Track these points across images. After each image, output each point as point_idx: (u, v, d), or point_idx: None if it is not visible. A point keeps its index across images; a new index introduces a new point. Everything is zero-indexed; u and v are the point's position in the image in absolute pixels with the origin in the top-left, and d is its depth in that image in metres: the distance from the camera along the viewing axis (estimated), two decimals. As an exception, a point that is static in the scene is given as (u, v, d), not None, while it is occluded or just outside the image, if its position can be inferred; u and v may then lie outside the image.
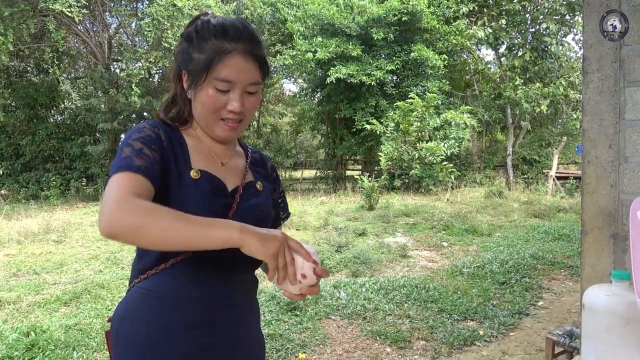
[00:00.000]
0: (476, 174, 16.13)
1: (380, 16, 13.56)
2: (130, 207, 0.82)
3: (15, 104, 15.41)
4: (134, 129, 0.98)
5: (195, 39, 0.98)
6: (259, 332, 1.12)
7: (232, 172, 1.07)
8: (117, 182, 0.87)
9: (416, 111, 10.89)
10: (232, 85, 0.97)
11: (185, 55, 1.01)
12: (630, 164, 1.80)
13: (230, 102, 0.98)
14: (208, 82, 0.97)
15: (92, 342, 3.30)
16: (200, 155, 1.03)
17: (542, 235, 7.16)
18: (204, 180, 0.99)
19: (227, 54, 0.96)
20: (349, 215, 9.37)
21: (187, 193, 0.96)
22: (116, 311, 1.03)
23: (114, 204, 0.83)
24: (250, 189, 1.08)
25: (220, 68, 0.95)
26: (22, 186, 14.51)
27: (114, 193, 0.85)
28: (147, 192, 0.89)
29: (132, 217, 0.81)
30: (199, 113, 1.01)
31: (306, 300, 4.10)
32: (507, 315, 3.86)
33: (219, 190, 1.01)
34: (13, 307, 4.12)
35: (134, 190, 0.86)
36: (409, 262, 5.78)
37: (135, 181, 0.88)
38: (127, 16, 14.58)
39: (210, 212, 0.95)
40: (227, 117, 1.00)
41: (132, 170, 0.89)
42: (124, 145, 0.94)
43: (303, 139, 23.79)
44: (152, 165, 0.92)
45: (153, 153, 0.94)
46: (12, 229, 7.68)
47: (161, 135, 0.99)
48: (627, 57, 1.80)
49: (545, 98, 14.62)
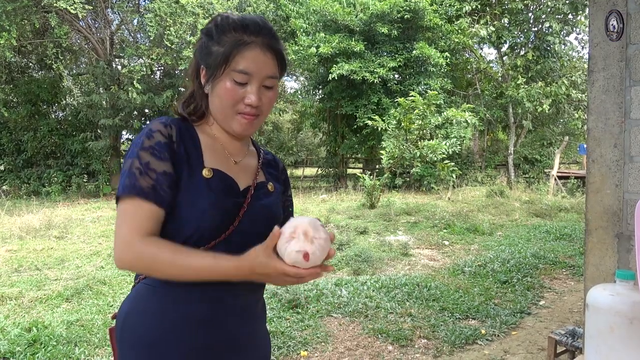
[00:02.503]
0: (477, 173, 16.11)
1: (384, 12, 13.54)
2: (137, 254, 0.90)
3: (17, 100, 15.42)
4: (144, 132, 0.97)
5: (215, 33, 0.99)
6: (264, 331, 1.11)
7: (245, 171, 1.07)
8: (126, 213, 0.92)
9: (417, 109, 10.88)
10: (250, 77, 0.97)
11: (204, 50, 1.01)
12: (635, 163, 1.79)
13: (248, 95, 0.98)
14: (226, 75, 0.97)
15: (93, 338, 3.30)
16: (213, 154, 1.03)
17: (543, 235, 7.15)
18: (215, 179, 0.99)
19: (246, 45, 0.96)
20: (350, 213, 9.37)
21: (199, 192, 0.96)
22: (122, 307, 1.03)
23: (124, 247, 0.91)
24: (261, 189, 1.08)
25: (239, 60, 0.96)
26: (24, 182, 14.53)
27: (123, 230, 0.91)
28: (156, 219, 0.93)
29: (140, 265, 0.92)
30: (216, 106, 1.01)
31: (308, 298, 4.10)
32: (509, 314, 3.86)
33: (230, 189, 1.01)
34: (15, 303, 4.12)
35: (142, 227, 0.91)
36: (411, 261, 5.78)
37: (142, 213, 0.91)
38: (129, 13, 14.56)
39: (221, 211, 0.96)
40: (245, 111, 0.99)
41: (139, 195, 0.91)
42: (133, 156, 0.94)
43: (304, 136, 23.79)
44: (159, 184, 0.93)
45: (162, 165, 0.94)
46: (14, 224, 7.69)
47: (173, 135, 0.98)
48: (633, 56, 1.79)
49: (547, 97, 14.60)
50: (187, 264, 0.90)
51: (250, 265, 0.89)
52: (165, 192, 0.93)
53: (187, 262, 0.90)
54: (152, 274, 0.94)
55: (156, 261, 0.90)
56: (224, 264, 0.91)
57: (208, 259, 0.91)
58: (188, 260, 0.90)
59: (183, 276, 0.92)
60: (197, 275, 0.91)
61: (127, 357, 0.98)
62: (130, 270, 0.95)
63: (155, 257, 0.90)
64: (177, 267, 0.90)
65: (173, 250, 0.91)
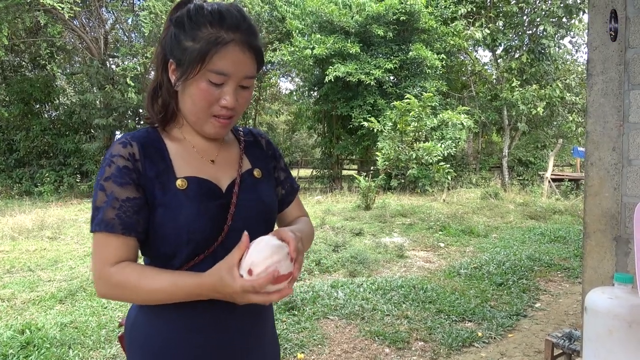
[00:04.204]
0: (472, 175, 16.17)
1: (380, 14, 13.56)
2: (108, 286, 0.89)
3: (10, 99, 15.29)
4: (105, 160, 0.92)
5: (188, 25, 0.90)
6: (273, 332, 1.10)
7: (225, 166, 1.01)
8: (96, 249, 0.91)
9: (413, 111, 10.90)
10: (227, 78, 0.90)
11: (174, 42, 0.91)
12: (633, 166, 1.79)
13: (224, 96, 0.91)
14: (201, 75, 0.89)
15: (87, 341, 3.26)
16: (185, 160, 0.96)
17: (538, 237, 7.18)
18: (192, 188, 0.93)
19: (225, 44, 0.88)
20: (345, 215, 9.37)
21: (178, 205, 0.91)
22: (129, 314, 1.02)
23: (96, 280, 0.91)
24: (247, 179, 1.01)
25: (216, 60, 0.88)
26: (16, 182, 14.41)
27: (94, 265, 0.91)
28: (126, 248, 0.90)
29: (114, 294, 0.91)
30: (188, 108, 0.94)
31: (304, 300, 4.08)
32: (505, 316, 3.86)
33: (211, 192, 0.95)
34: (7, 304, 4.07)
35: (111, 258, 0.89)
36: (406, 263, 5.78)
37: (111, 245, 0.89)
38: (124, 12, 14.49)
39: (207, 217, 0.92)
40: (220, 113, 0.93)
41: (106, 229, 0.88)
42: (97, 188, 0.90)
43: (299, 137, 23.78)
44: (124, 212, 0.89)
45: (124, 191, 0.89)
46: (6, 225, 7.61)
47: (136, 153, 0.92)
48: (632, 60, 1.79)
49: (542, 100, 14.68)
50: (152, 287, 0.87)
51: (211, 283, 0.84)
52: (131, 219, 0.89)
53: (151, 285, 0.87)
54: (128, 301, 0.92)
55: (126, 289, 0.88)
56: (187, 282, 0.86)
57: (171, 280, 0.86)
58: (152, 283, 0.87)
59: (152, 300, 0.90)
60: (163, 298, 0.88)
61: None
62: (111, 299, 0.96)
63: (124, 285, 0.88)
64: (144, 292, 0.87)
65: (139, 275, 0.87)
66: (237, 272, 0.81)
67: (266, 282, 0.79)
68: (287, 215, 1.16)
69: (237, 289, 0.80)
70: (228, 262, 0.82)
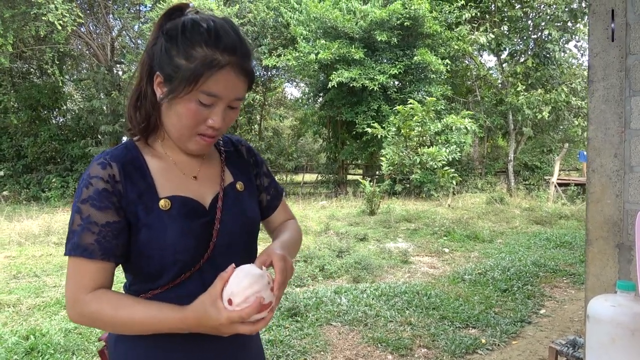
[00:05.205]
0: (477, 180, 16.12)
1: (383, 19, 13.60)
2: (80, 314, 0.87)
3: (18, 106, 15.47)
4: (82, 181, 0.89)
5: (181, 41, 0.87)
6: (258, 343, 1.09)
7: (208, 181, 0.99)
8: (71, 273, 0.88)
9: (417, 116, 10.90)
10: (218, 100, 0.88)
11: (164, 56, 0.88)
12: (635, 173, 1.79)
13: (212, 116, 0.89)
14: (192, 95, 0.86)
15: (91, 347, 3.28)
16: (167, 179, 0.94)
17: (543, 242, 7.13)
18: (176, 207, 0.91)
19: (220, 68, 0.86)
20: (350, 220, 9.36)
21: (162, 226, 0.89)
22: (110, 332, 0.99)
23: (69, 305, 0.88)
24: (230, 193, 1.00)
25: (210, 83, 0.86)
26: (23, 187, 14.55)
27: (68, 290, 0.88)
28: (103, 273, 0.88)
29: (85, 322, 0.89)
30: (174, 124, 0.91)
31: (307, 306, 4.08)
32: (509, 323, 3.83)
33: (194, 211, 0.93)
34: (13, 310, 4.10)
35: (87, 285, 0.87)
36: (410, 268, 5.76)
37: (87, 271, 0.87)
38: (130, 19, 14.65)
39: (191, 237, 0.91)
40: (206, 132, 0.91)
41: (83, 255, 0.86)
42: (74, 210, 0.88)
43: (304, 142, 23.83)
44: (103, 237, 0.87)
45: (104, 215, 0.87)
46: (13, 230, 7.67)
47: (115, 174, 0.89)
48: (633, 66, 1.79)
49: (547, 104, 14.64)
50: (130, 319, 0.85)
51: (196, 317, 0.82)
52: (110, 244, 0.87)
53: (129, 317, 0.85)
54: (103, 329, 0.90)
55: (99, 319, 0.86)
56: (168, 317, 0.84)
57: (150, 313, 0.85)
58: (130, 315, 0.85)
59: (129, 331, 0.88)
60: (142, 330, 0.86)
61: None
62: (84, 326, 0.93)
63: (98, 315, 0.86)
64: (121, 323, 0.86)
65: (116, 305, 0.86)
66: (222, 303, 0.80)
67: (253, 311, 0.78)
68: (273, 220, 1.15)
69: (223, 321, 0.79)
70: (211, 294, 0.81)
